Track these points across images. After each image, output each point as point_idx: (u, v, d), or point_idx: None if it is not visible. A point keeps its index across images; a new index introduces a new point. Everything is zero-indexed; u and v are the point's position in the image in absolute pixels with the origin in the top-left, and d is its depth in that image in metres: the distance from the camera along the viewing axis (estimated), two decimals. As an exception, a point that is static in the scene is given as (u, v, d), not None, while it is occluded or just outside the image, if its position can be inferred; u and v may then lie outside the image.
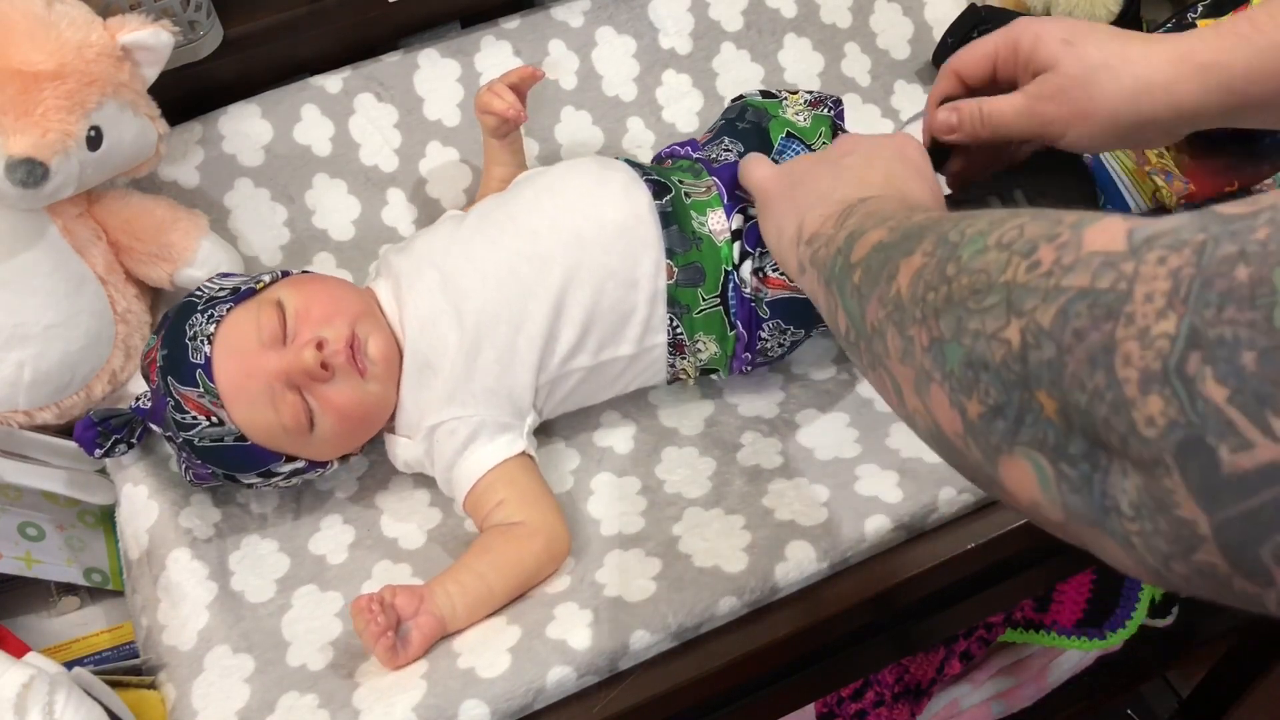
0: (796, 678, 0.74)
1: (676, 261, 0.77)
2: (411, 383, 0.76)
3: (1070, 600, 1.21)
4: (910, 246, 0.44)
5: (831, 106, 0.86)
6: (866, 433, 0.79)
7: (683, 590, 0.69)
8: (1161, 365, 0.29)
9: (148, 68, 0.80)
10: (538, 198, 0.79)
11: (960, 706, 1.28)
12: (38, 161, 0.72)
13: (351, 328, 0.73)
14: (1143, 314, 0.30)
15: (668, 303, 0.78)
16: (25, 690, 0.59)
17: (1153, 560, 0.31)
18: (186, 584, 0.74)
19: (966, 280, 0.39)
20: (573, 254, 0.76)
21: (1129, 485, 0.31)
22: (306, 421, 0.73)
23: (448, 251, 0.78)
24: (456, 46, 0.97)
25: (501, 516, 0.73)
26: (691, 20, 1.02)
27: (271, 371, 0.71)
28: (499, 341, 0.75)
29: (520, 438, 0.76)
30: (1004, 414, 0.36)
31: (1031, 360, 0.34)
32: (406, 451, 0.78)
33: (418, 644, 0.67)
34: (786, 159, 0.81)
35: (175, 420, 0.73)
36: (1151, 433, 0.30)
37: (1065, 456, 0.34)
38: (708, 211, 0.79)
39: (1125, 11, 0.99)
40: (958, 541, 0.72)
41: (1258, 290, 0.28)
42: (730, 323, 0.79)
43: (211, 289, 0.76)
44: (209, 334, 0.72)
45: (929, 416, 0.42)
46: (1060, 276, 0.34)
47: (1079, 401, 0.32)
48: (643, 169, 0.81)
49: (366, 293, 0.79)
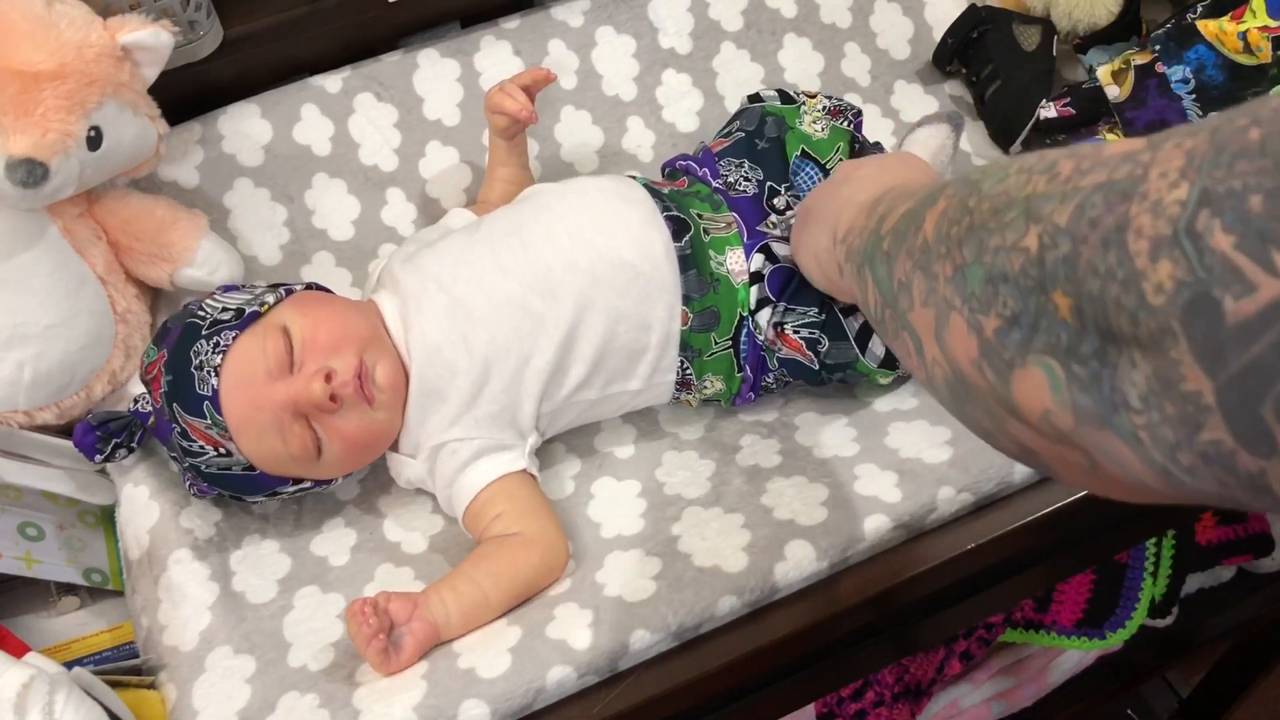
0: (796, 678, 0.74)
1: (692, 308, 0.77)
2: (417, 407, 0.76)
3: (1070, 600, 1.21)
4: (934, 197, 0.45)
5: (852, 119, 0.85)
6: (865, 433, 0.79)
7: (683, 590, 0.69)
8: (1172, 229, 0.30)
9: (148, 68, 0.80)
10: (552, 227, 0.77)
11: (960, 706, 1.28)
12: (38, 161, 0.72)
13: (359, 356, 0.72)
14: (1156, 189, 0.31)
15: (680, 346, 0.77)
16: (25, 690, 0.59)
17: (1160, 455, 0.32)
18: (188, 584, 0.74)
19: (988, 205, 0.39)
20: (586, 292, 0.75)
21: (1137, 376, 0.32)
22: (314, 450, 0.72)
23: (456, 275, 0.76)
24: (456, 46, 0.97)
25: (500, 529, 0.73)
26: (691, 20, 1.02)
27: (279, 403, 0.71)
28: (506, 373, 0.75)
29: (521, 456, 0.76)
30: (1020, 323, 0.36)
31: (1048, 261, 0.35)
32: (409, 470, 0.78)
33: (410, 650, 0.67)
34: (800, 181, 0.81)
35: (182, 446, 0.73)
36: (1160, 300, 0.30)
37: (1076, 356, 0.34)
38: (726, 250, 0.78)
39: (1125, 11, 0.99)
40: (958, 541, 0.72)
41: (1268, 142, 0.28)
42: (739, 365, 0.79)
43: (214, 309, 0.74)
44: (215, 365, 0.71)
45: (946, 359, 0.42)
46: (1079, 179, 0.35)
47: (1092, 289, 0.33)
48: (661, 199, 0.79)
49: (370, 307, 0.78)
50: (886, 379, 0.80)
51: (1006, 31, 1.00)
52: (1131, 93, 0.91)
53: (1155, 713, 1.56)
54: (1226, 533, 1.28)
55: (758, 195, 0.81)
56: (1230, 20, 0.88)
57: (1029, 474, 0.73)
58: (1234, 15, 0.88)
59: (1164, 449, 0.31)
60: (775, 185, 0.81)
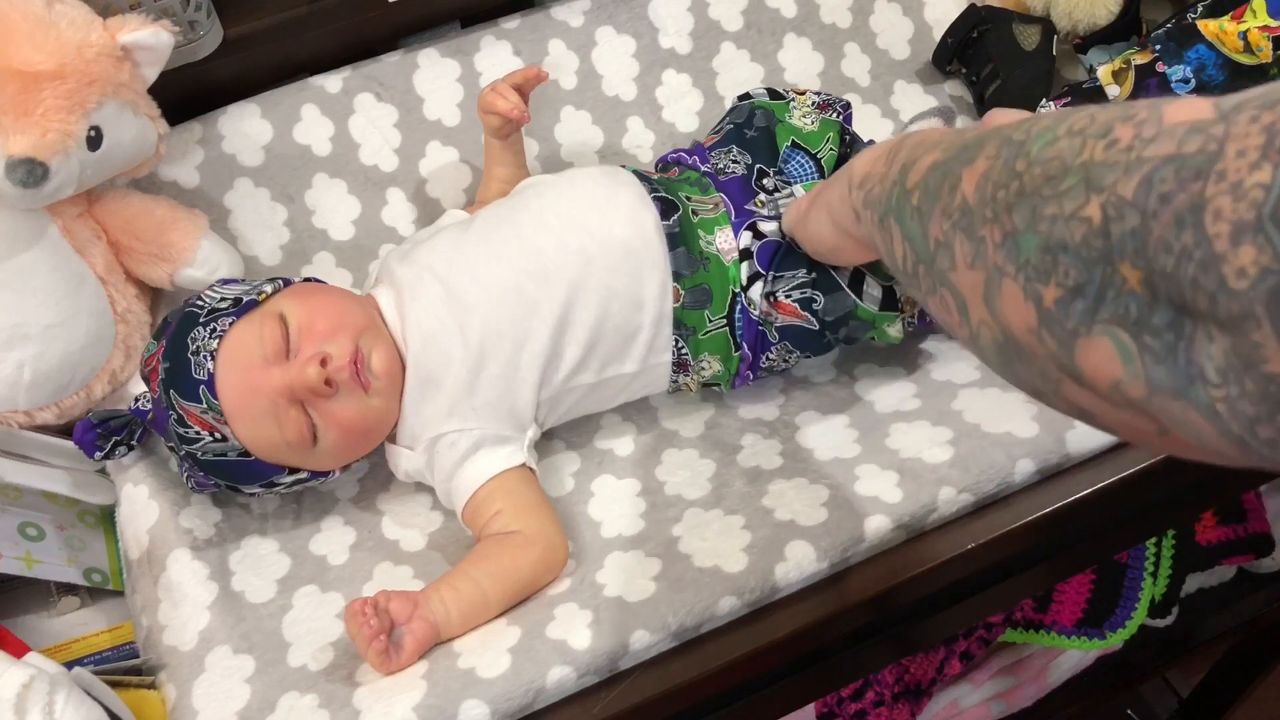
0: (796, 678, 0.74)
1: (683, 284, 0.77)
2: (414, 396, 0.76)
3: (1070, 600, 1.21)
4: (970, 155, 0.44)
5: (840, 110, 0.85)
6: (866, 433, 0.79)
7: (683, 590, 0.69)
8: (1255, 214, 0.29)
9: (148, 68, 0.80)
10: (543, 213, 0.78)
11: (960, 706, 1.28)
12: (38, 161, 0.72)
13: (355, 342, 0.73)
14: (1235, 169, 0.30)
15: (673, 324, 0.77)
16: (25, 690, 0.59)
17: (1238, 427, 0.31)
18: (187, 584, 0.74)
19: (1039, 170, 0.38)
20: (578, 273, 0.75)
21: (1215, 350, 0.31)
22: (310, 436, 0.72)
23: (451, 263, 0.77)
24: (456, 46, 0.97)
25: (499, 526, 0.73)
26: (691, 20, 1.02)
27: (275, 388, 0.71)
28: (502, 358, 0.75)
29: (520, 450, 0.76)
30: (1084, 293, 0.36)
31: (1114, 233, 0.34)
32: (407, 462, 0.78)
33: (410, 649, 0.67)
34: (790, 168, 0.81)
35: (178, 434, 0.73)
36: (1242, 284, 0.30)
37: (1148, 328, 0.34)
38: (715, 230, 0.78)
39: (1125, 11, 0.99)
40: (958, 541, 0.72)
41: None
42: (735, 343, 0.79)
43: (212, 299, 0.75)
44: (212, 349, 0.71)
45: (997, 323, 0.41)
46: (1141, 149, 0.34)
47: (1165, 266, 0.32)
48: (650, 183, 0.80)
49: (368, 301, 0.79)
50: (893, 325, 0.79)
51: (1006, 31, 1.00)
52: (1132, 92, 0.91)
53: (1155, 713, 1.56)
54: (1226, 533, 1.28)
55: (745, 176, 0.81)
56: (1230, 20, 0.88)
57: (1029, 474, 0.73)
58: (1234, 15, 0.88)
59: (1243, 422, 0.31)
60: (764, 168, 0.81)
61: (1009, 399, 0.77)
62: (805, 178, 0.81)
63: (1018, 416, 0.75)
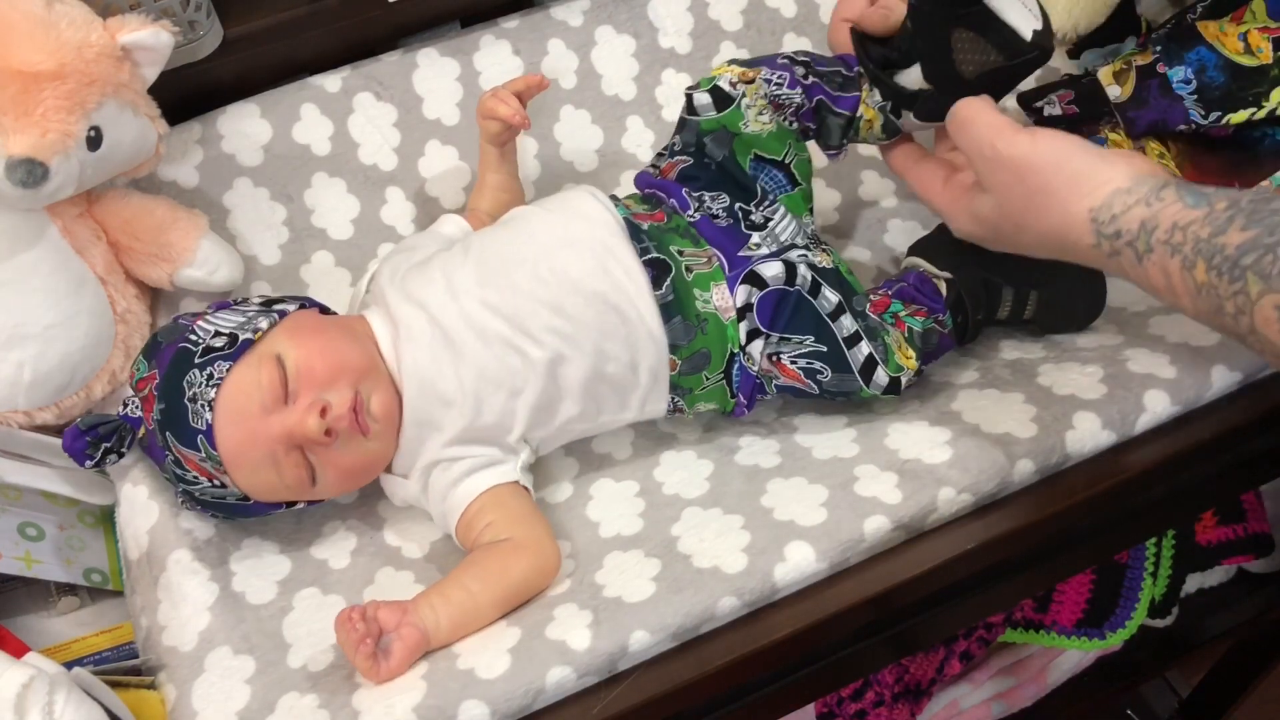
0: (796, 678, 0.74)
1: (680, 355, 0.76)
2: (411, 435, 0.76)
3: (1070, 600, 1.21)
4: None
5: (791, 115, 0.79)
6: (865, 433, 0.79)
7: (682, 591, 0.69)
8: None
9: (148, 68, 0.80)
10: (537, 267, 0.76)
11: (960, 706, 1.28)
12: (38, 161, 0.72)
13: (354, 388, 0.72)
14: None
15: (669, 388, 0.78)
16: (25, 690, 0.59)
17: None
18: (187, 585, 0.74)
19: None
20: (575, 334, 0.75)
21: None
22: (308, 479, 0.73)
23: (445, 308, 0.75)
24: (456, 46, 0.97)
25: (490, 536, 0.73)
26: (691, 20, 1.02)
27: (274, 437, 0.71)
28: (497, 406, 0.75)
29: (514, 469, 0.76)
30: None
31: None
32: (403, 490, 0.78)
33: (399, 656, 0.67)
34: (764, 184, 0.79)
35: (176, 473, 0.73)
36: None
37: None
38: (711, 286, 0.77)
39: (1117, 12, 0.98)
40: (957, 542, 0.72)
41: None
42: (732, 392, 0.79)
43: (206, 333, 0.73)
44: (209, 400, 0.71)
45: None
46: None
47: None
48: (640, 239, 0.77)
49: (362, 328, 0.77)
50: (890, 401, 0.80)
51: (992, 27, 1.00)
52: (1133, 93, 0.91)
53: (1155, 713, 1.56)
54: (1226, 533, 1.29)
55: (733, 225, 0.79)
56: (1231, 21, 0.88)
57: (1028, 474, 0.73)
58: (1234, 16, 0.88)
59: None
60: (745, 205, 0.79)
61: (1008, 399, 0.77)
62: (780, 190, 0.79)
63: (1017, 417, 0.75)
